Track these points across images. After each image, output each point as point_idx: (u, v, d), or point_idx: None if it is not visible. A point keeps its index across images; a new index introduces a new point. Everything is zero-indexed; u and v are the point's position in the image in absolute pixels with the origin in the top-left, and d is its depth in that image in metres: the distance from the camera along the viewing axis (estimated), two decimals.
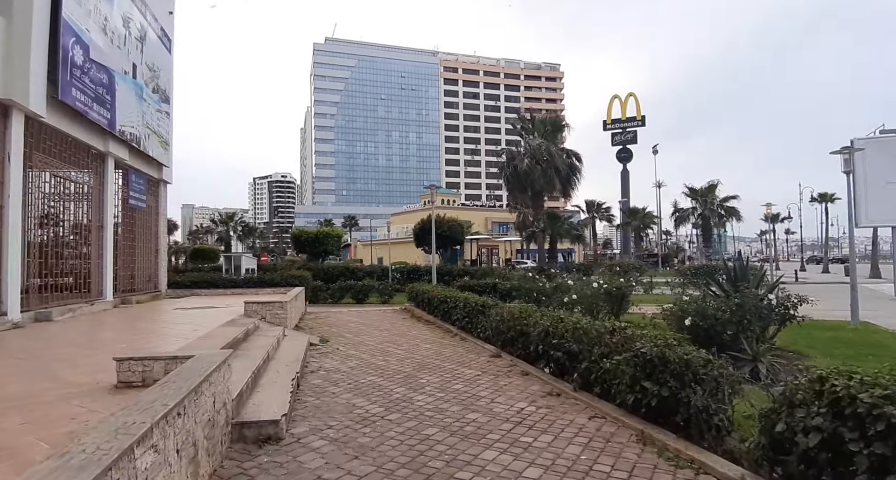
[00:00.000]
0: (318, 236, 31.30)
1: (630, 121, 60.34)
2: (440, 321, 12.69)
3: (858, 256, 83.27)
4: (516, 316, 8.03)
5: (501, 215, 68.34)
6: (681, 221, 34.38)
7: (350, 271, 28.42)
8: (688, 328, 7.97)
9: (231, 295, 16.21)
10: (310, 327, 12.26)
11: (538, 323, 7.23)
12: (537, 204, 31.51)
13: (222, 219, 53.30)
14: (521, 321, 7.81)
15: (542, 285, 13.65)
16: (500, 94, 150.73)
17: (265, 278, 16.96)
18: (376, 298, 22.88)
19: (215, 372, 3.84)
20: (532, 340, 7.38)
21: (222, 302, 13.81)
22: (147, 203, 14.96)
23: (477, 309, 9.98)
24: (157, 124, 14.78)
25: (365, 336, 10.93)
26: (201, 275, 16.93)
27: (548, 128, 31.25)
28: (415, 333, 11.39)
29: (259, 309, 10.37)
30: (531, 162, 29.53)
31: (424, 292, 14.48)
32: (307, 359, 8.18)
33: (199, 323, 9.12)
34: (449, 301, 12.00)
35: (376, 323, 13.41)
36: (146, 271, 15.35)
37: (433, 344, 9.81)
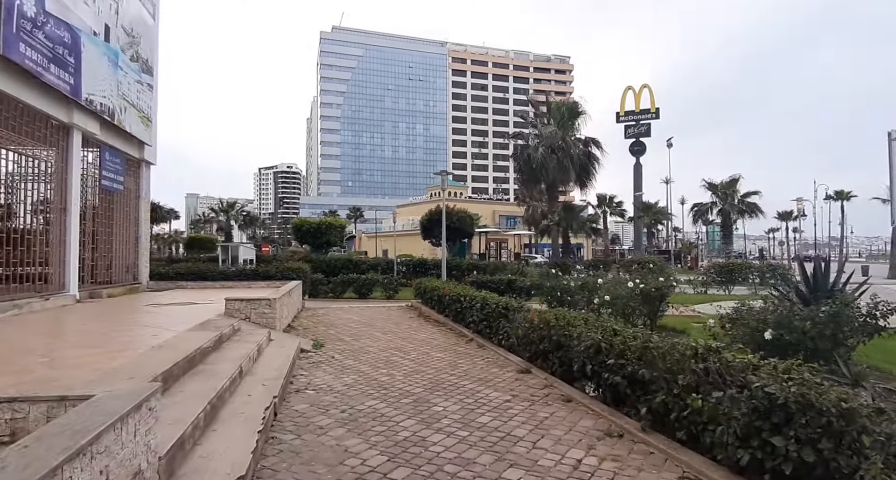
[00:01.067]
0: (321, 226, 29.78)
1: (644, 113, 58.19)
2: (452, 322, 11.17)
3: (864, 256, 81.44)
4: (552, 323, 6.47)
5: (509, 208, 66.67)
6: (699, 217, 32.63)
7: (353, 264, 26.90)
8: (766, 343, 6.39)
9: (220, 289, 14.74)
10: (304, 327, 10.75)
11: (585, 335, 5.66)
12: (552, 196, 29.75)
13: (222, 207, 51.79)
14: (560, 331, 6.25)
15: (567, 283, 12.06)
16: (508, 86, 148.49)
17: (258, 270, 15.48)
18: (380, 293, 21.38)
19: (109, 432, 2.30)
20: (575, 356, 5.83)
21: (208, 296, 12.32)
22: (125, 185, 13.47)
23: (498, 311, 8.43)
24: (136, 97, 13.25)
25: (367, 339, 9.41)
26: (189, 267, 15.47)
27: (564, 115, 29.43)
28: (424, 337, 9.86)
29: (243, 308, 8.87)
30: (545, 151, 27.77)
31: (434, 289, 12.94)
32: (294, 372, 6.67)
33: (167, 324, 7.62)
34: (463, 300, 10.47)
35: (380, 322, 11.89)
36: (124, 261, 13.89)
37: (446, 352, 8.27)
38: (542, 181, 29.10)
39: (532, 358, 7.09)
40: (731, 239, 32.10)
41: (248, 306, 8.87)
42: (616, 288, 10.39)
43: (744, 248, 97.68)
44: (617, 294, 10.31)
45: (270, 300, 8.88)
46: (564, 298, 11.99)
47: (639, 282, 10.49)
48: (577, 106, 29.44)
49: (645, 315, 10.75)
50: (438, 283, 13.53)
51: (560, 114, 29.44)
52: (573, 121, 29.62)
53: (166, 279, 15.16)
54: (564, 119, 29.25)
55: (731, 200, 30.69)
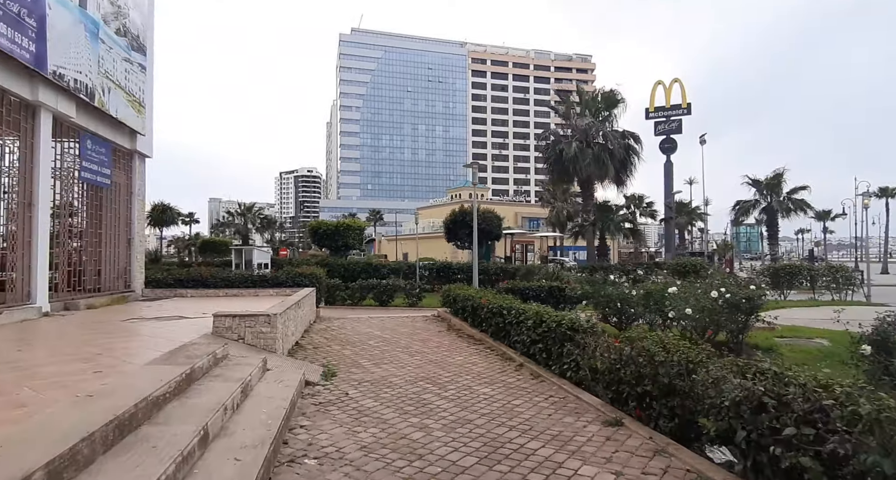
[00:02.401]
0: (339, 229, 28.10)
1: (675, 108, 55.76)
2: (491, 339, 9.22)
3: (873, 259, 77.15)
4: (658, 358, 4.46)
5: (532, 210, 64.48)
6: (741, 215, 30.05)
7: (373, 268, 25.12)
8: None
9: (223, 298, 13.04)
10: (314, 346, 8.91)
11: (726, 380, 3.66)
12: (586, 194, 27.41)
13: (240, 210, 50.56)
14: (672, 369, 4.25)
15: (627, 292, 10.00)
16: (529, 87, 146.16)
17: (267, 277, 13.75)
18: (402, 300, 19.54)
19: None
20: (706, 409, 3.83)
21: (205, 307, 10.58)
22: (114, 179, 11.85)
23: (560, 332, 6.44)
24: (123, 77, 11.64)
25: (390, 364, 7.51)
26: (189, 272, 13.84)
27: (599, 106, 27.14)
28: (460, 360, 7.92)
29: (235, 326, 7.06)
30: (580, 145, 25.54)
31: (467, 298, 11.00)
32: (293, 422, 4.81)
33: (127, 352, 5.85)
34: (506, 314, 8.52)
35: (405, 338, 9.99)
36: (115, 266, 12.28)
37: (494, 385, 6.32)
38: (576, 178, 26.86)
39: (618, 399, 5.11)
40: (776, 239, 29.46)
41: (241, 324, 7.05)
42: (698, 299, 8.32)
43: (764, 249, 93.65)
44: (700, 306, 8.25)
45: (270, 316, 7.05)
46: (624, 309, 9.94)
47: (724, 291, 8.40)
48: (614, 94, 27.13)
49: (731, 331, 8.69)
50: (472, 291, 11.59)
51: (595, 104, 27.19)
52: (610, 112, 27.32)
53: (164, 286, 13.53)
54: (600, 110, 27.00)
55: (776, 197, 28.07)
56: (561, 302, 13.68)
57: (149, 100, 13.50)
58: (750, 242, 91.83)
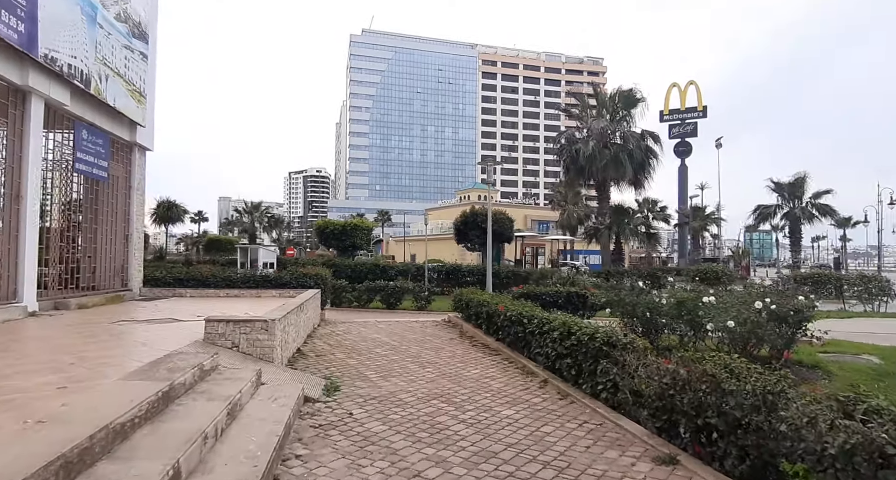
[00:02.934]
0: (346, 228, 27.46)
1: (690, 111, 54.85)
2: (509, 350, 8.49)
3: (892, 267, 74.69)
4: (725, 387, 3.71)
5: (541, 213, 63.68)
6: (762, 220, 29.07)
7: (380, 269, 24.45)
8: None
9: (224, 299, 12.39)
10: (316, 354, 8.21)
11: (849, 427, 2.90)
12: (602, 196, 26.58)
13: (247, 208, 50.06)
14: (748, 400, 3.50)
15: (658, 300, 9.21)
16: (539, 89, 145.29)
17: (270, 277, 13.10)
18: (411, 303, 18.85)
19: None
20: (806, 454, 3.08)
21: (201, 309, 9.93)
22: (111, 172, 11.25)
23: (595, 347, 5.67)
24: (123, 65, 11.05)
25: (399, 377, 6.80)
26: (189, 272, 13.21)
27: (618, 105, 26.27)
28: (476, 373, 7.19)
29: (229, 333, 6.38)
30: (597, 145, 24.70)
31: (482, 303, 10.26)
32: (286, 450, 4.10)
33: (101, 362, 5.19)
34: (527, 323, 7.77)
35: (415, 346, 9.28)
36: (112, 263, 11.68)
37: (517, 405, 5.59)
38: (592, 179, 25.99)
39: (667, 429, 4.36)
40: (799, 246, 28.42)
41: (235, 330, 6.37)
42: (740, 311, 7.54)
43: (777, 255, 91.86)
44: (742, 318, 7.47)
45: (267, 323, 6.36)
46: (654, 320, 9.15)
47: (769, 302, 7.62)
48: (633, 94, 26.23)
49: (774, 346, 7.89)
50: (486, 297, 10.85)
51: (613, 104, 26.36)
52: (629, 111, 26.47)
53: (163, 285, 12.92)
54: (618, 109, 26.15)
55: (799, 202, 27.08)
56: (580, 309, 12.92)
57: (150, 91, 12.92)
58: (763, 249, 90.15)
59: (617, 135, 25.25)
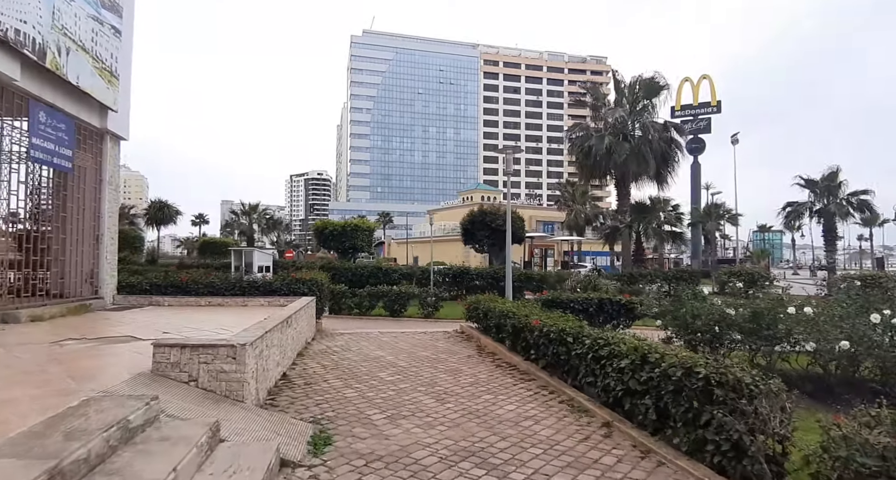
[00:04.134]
0: (346, 229, 25.83)
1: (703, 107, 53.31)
2: (544, 374, 6.87)
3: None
4: None
5: (546, 213, 62.11)
6: (794, 218, 27.37)
7: (383, 272, 22.82)
8: None
9: (205, 308, 10.78)
10: (306, 382, 6.59)
11: None
12: (622, 192, 24.78)
13: (245, 209, 48.31)
14: None
15: (736, 311, 7.56)
16: (542, 89, 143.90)
17: (258, 283, 11.46)
18: (417, 310, 17.23)
19: None
20: None
21: (173, 322, 8.34)
22: (78, 163, 9.66)
23: (698, 389, 3.99)
24: (90, 39, 9.48)
25: (412, 419, 5.16)
26: (167, 277, 11.59)
27: (638, 94, 24.58)
28: (512, 412, 5.55)
29: (185, 361, 4.77)
30: (614, 139, 23.07)
31: (505, 314, 8.62)
32: None
33: (1, 408, 3.56)
34: (573, 342, 6.14)
35: (428, 368, 7.65)
36: (79, 268, 10.10)
37: (591, 477, 3.94)
38: (609, 174, 24.24)
39: None
40: (834, 245, 26.70)
41: (194, 359, 4.76)
42: (855, 326, 5.91)
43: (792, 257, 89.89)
44: (858, 334, 5.85)
45: (235, 348, 4.73)
46: (724, 335, 7.50)
47: (889, 315, 6.00)
48: (655, 81, 24.40)
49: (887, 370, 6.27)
50: (509, 306, 9.21)
51: (633, 93, 24.65)
52: (650, 101, 24.75)
53: (140, 292, 11.31)
54: (638, 98, 24.46)
55: (834, 199, 25.35)
56: (613, 319, 11.29)
57: (125, 72, 11.34)
58: (773, 249, 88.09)
59: (636, 126, 23.57)
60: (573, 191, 53.63)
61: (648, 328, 12.51)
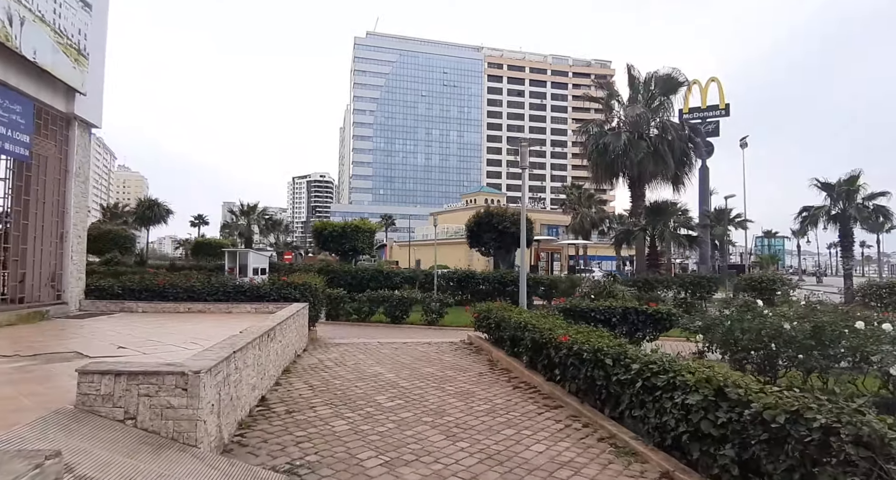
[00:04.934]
0: (346, 230, 24.71)
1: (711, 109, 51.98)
2: (573, 401, 5.73)
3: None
4: None
5: (551, 217, 60.97)
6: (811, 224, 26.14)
7: (384, 276, 21.68)
8: None
9: (183, 315, 9.65)
10: (287, 409, 5.46)
11: None
12: (636, 193, 23.45)
13: (243, 210, 47.03)
14: None
15: (791, 325, 6.39)
16: (546, 92, 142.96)
17: (245, 288, 10.28)
18: (419, 316, 16.09)
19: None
20: None
21: (138, 334, 7.23)
22: (37, 151, 8.58)
23: (816, 443, 2.84)
24: (51, 10, 8.45)
25: (417, 469, 4.02)
26: (143, 281, 10.43)
27: (654, 91, 23.37)
28: (543, 455, 4.40)
29: (119, 393, 3.64)
30: (630, 137, 21.93)
31: (522, 326, 7.48)
32: None
33: None
34: (613, 365, 4.99)
35: (434, 390, 6.50)
36: (38, 270, 9.00)
37: None
38: (623, 174, 23.02)
39: None
40: (850, 251, 25.50)
41: (131, 389, 3.63)
42: None
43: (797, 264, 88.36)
44: None
45: (187, 377, 3.61)
46: (781, 352, 6.34)
47: None
48: (672, 77, 23.16)
49: None
50: (527, 316, 8.05)
51: (648, 90, 23.44)
52: (668, 98, 23.55)
53: (111, 296, 10.19)
54: (654, 96, 23.26)
55: (853, 203, 24.16)
56: (638, 330, 10.12)
57: (97, 51, 10.28)
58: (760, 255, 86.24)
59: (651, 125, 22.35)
60: (579, 194, 52.51)
61: (671, 338, 11.38)
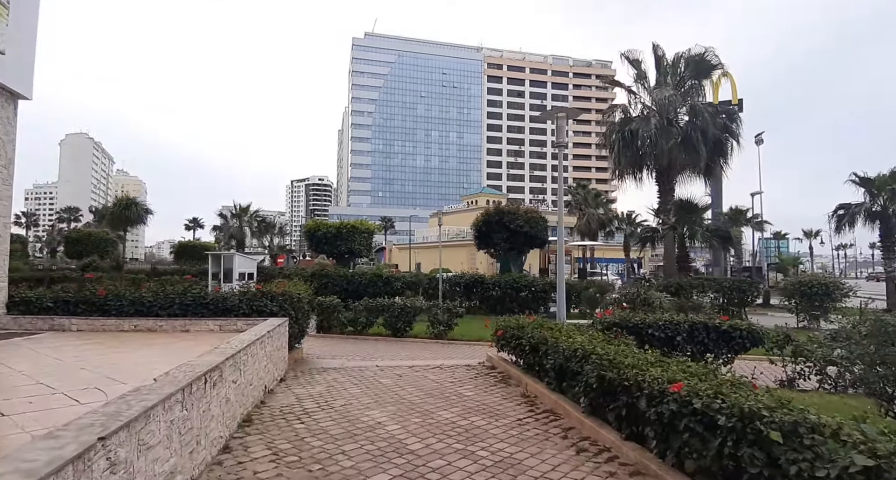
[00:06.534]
0: (341, 231, 22.52)
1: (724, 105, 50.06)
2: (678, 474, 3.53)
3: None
4: None
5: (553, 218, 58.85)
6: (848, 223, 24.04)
7: (384, 281, 19.47)
8: None
9: (128, 334, 7.47)
10: None
11: None
12: (665, 187, 21.10)
13: (235, 211, 44.58)
14: None
15: None
16: (546, 93, 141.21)
17: (208, 299, 8.04)
18: (425, 328, 13.92)
19: None
20: None
21: (24, 373, 5.07)
22: None
23: None
24: None
25: None
26: (80, 292, 8.16)
27: (683, 73, 21.19)
28: None
29: None
30: (660, 124, 19.92)
31: (579, 355, 5.31)
32: None
33: None
34: (777, 443, 2.82)
35: (460, 460, 4.33)
36: None
37: None
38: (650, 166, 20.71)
39: None
40: (893, 251, 23.41)
41: None
42: None
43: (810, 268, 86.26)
44: None
45: None
46: None
47: None
48: (704, 59, 20.80)
49: None
50: (582, 340, 5.83)
51: (676, 72, 21.13)
52: (699, 82, 21.28)
53: (40, 310, 8.03)
54: (683, 79, 20.99)
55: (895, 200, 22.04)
56: (708, 350, 7.97)
57: (31, 12, 8.22)
58: (779, 257, 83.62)
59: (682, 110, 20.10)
60: (585, 194, 50.49)
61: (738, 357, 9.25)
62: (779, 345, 7.96)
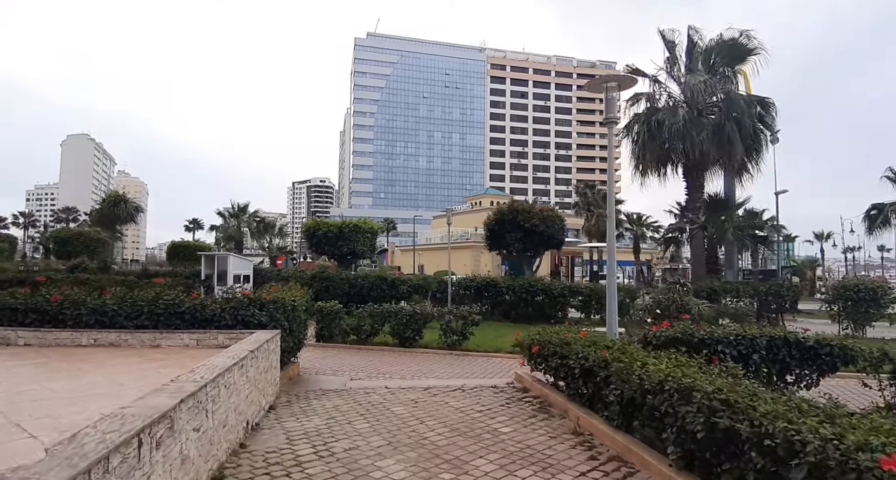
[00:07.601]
0: (343, 231, 21.12)
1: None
2: None
3: None
4: None
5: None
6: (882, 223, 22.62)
7: (389, 284, 18.03)
8: None
9: (84, 351, 6.09)
10: None
11: None
12: (694, 183, 19.39)
13: (233, 211, 43.19)
14: None
15: None
16: (550, 94, 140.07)
17: (183, 309, 6.67)
18: (436, 336, 12.50)
19: None
20: None
21: None
22: None
23: None
24: None
25: None
26: (32, 298, 6.81)
27: (715, 59, 19.58)
28: None
29: None
30: (689, 113, 18.52)
31: (668, 389, 3.92)
32: None
33: None
34: None
35: None
36: None
37: None
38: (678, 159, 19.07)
39: None
40: None
41: None
42: None
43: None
44: None
45: None
46: None
47: None
48: (739, 43, 19.19)
49: None
50: (668, 367, 4.44)
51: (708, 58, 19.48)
52: (732, 69, 19.76)
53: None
54: (715, 66, 19.38)
55: None
56: (789, 370, 6.57)
57: None
58: (789, 260, 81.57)
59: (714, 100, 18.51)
60: (594, 195, 49.09)
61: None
62: (873, 364, 6.58)
